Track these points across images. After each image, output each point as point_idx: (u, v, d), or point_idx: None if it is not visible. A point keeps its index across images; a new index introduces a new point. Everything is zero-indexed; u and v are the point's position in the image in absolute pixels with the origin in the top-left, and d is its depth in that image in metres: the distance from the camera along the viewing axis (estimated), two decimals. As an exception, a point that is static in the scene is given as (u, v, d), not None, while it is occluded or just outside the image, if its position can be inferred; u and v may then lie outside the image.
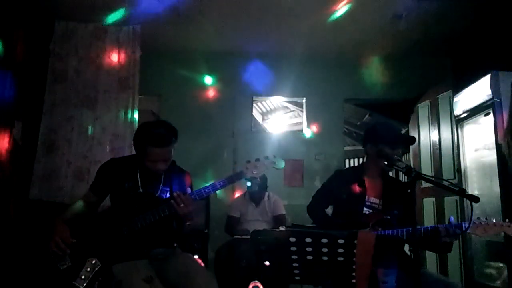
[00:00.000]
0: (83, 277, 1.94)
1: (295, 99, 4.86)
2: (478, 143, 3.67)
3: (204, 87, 4.83)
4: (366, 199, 2.27)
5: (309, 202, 2.48)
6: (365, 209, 2.26)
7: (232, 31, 4.36)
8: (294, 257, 1.54)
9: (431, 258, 4.08)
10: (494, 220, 1.93)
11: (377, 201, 2.27)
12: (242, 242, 3.60)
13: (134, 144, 2.17)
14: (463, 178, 3.74)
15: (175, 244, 2.24)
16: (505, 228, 1.92)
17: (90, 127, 3.96)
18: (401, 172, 1.97)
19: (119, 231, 2.03)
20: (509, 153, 3.14)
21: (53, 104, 3.94)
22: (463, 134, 3.84)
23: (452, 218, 2.02)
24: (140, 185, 2.17)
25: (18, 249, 3.33)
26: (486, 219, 1.94)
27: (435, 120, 4.35)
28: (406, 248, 2.20)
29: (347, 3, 3.71)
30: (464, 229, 1.94)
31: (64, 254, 2.00)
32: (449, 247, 2.05)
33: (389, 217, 2.13)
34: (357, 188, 2.29)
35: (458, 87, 3.89)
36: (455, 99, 3.86)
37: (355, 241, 1.48)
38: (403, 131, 6.01)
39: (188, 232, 3.50)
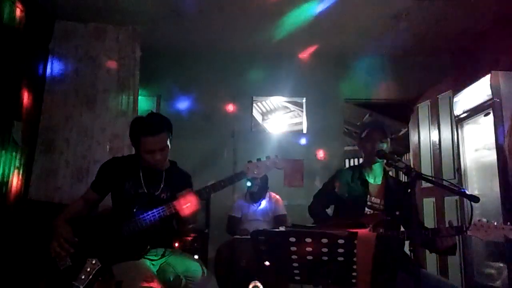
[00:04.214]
0: (83, 277, 1.94)
1: (295, 99, 4.85)
2: (478, 143, 3.67)
3: (203, 87, 4.82)
4: (368, 199, 2.27)
5: (310, 202, 2.47)
6: (366, 209, 2.25)
7: (232, 31, 4.36)
8: (294, 257, 1.54)
9: (431, 258, 4.07)
10: (495, 223, 1.91)
11: (378, 201, 2.27)
12: (242, 242, 3.60)
13: (131, 140, 2.17)
14: (463, 178, 3.74)
15: (176, 244, 2.24)
16: (506, 231, 1.90)
17: (89, 127, 3.96)
18: (401, 172, 1.96)
19: (119, 231, 2.02)
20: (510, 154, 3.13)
21: (52, 104, 3.94)
22: (463, 134, 3.84)
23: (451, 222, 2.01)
24: (141, 184, 2.17)
25: (17, 249, 3.32)
26: (487, 221, 1.91)
27: (435, 120, 4.34)
28: (406, 248, 2.19)
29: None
30: (464, 230, 1.93)
31: (68, 254, 2.00)
32: (453, 249, 2.02)
33: (389, 217, 2.12)
34: (359, 188, 2.29)
35: (458, 87, 3.89)
36: (455, 99, 3.86)
37: (355, 241, 1.48)
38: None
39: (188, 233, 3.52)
